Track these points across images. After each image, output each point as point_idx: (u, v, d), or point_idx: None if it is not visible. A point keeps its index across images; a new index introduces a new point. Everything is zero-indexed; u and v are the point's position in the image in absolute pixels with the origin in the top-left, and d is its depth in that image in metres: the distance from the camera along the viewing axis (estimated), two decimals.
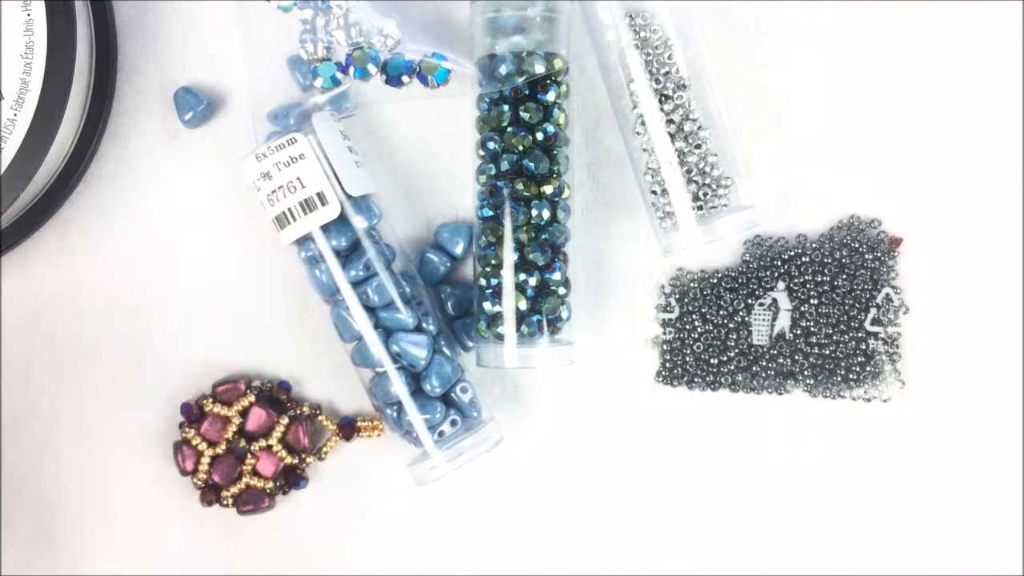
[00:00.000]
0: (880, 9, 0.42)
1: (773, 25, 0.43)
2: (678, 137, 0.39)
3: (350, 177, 0.39)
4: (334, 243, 0.39)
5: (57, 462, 0.44)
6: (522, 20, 0.39)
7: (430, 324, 0.41)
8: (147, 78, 0.44)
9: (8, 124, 0.39)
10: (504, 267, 0.39)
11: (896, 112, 0.42)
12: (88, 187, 0.44)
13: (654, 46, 0.39)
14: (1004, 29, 0.42)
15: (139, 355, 0.44)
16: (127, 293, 0.44)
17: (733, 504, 0.43)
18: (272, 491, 0.43)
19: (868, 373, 0.42)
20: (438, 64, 0.41)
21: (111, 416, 0.44)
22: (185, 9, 0.43)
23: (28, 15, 0.39)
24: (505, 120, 0.39)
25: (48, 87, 0.39)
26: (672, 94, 0.39)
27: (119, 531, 0.44)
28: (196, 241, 0.44)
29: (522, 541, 0.44)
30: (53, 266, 0.44)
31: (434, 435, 0.40)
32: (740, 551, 0.43)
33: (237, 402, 0.43)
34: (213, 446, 0.43)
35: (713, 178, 0.39)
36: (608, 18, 0.39)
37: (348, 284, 0.40)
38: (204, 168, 0.44)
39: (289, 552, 0.44)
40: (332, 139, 0.39)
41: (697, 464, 0.43)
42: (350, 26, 0.41)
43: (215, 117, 0.43)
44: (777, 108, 0.42)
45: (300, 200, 0.39)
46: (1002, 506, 0.42)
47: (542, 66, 0.39)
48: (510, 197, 0.39)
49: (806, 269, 0.42)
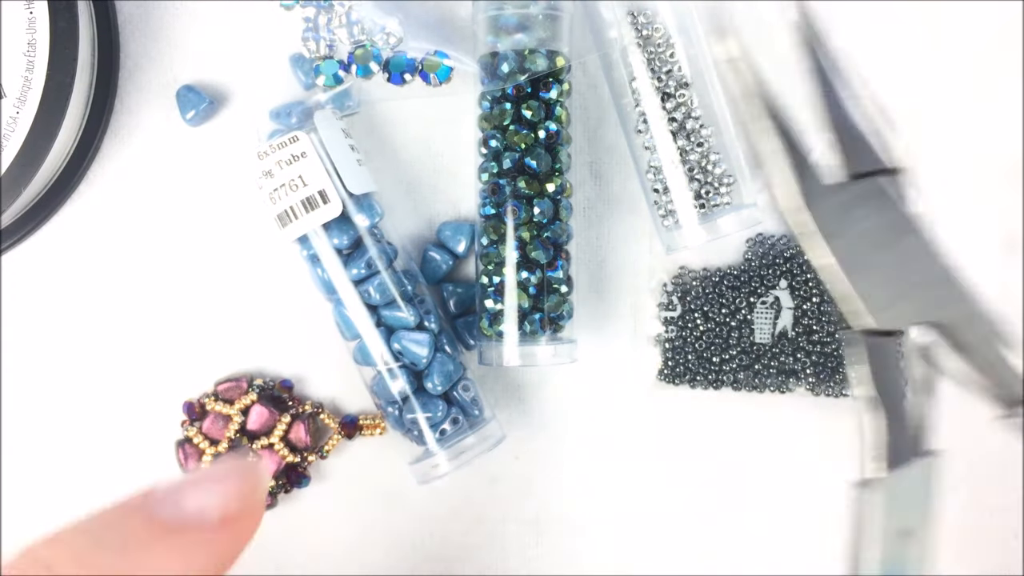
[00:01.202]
0: (882, 8, 0.42)
1: (774, 23, 0.43)
2: (680, 135, 0.39)
3: (352, 175, 0.39)
4: (336, 241, 0.39)
5: (58, 461, 0.44)
6: (524, 18, 0.39)
7: (432, 322, 0.41)
8: (149, 76, 0.44)
9: (10, 122, 0.39)
10: (506, 265, 0.39)
11: (897, 110, 0.42)
12: (90, 185, 0.44)
13: (656, 44, 0.39)
14: (1004, 29, 0.42)
15: (140, 353, 0.44)
16: (129, 292, 0.44)
17: (735, 502, 0.43)
18: (274, 490, 0.43)
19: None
20: (440, 62, 0.41)
21: (112, 415, 0.44)
22: (188, 7, 0.43)
23: (31, 13, 0.39)
24: (507, 118, 0.39)
25: (50, 85, 0.39)
26: (674, 92, 0.39)
27: None
28: (198, 239, 0.44)
29: (523, 540, 0.44)
30: (55, 265, 0.44)
31: (436, 433, 0.40)
32: (742, 550, 0.43)
33: (239, 400, 0.43)
34: (215, 444, 0.43)
35: (715, 176, 0.39)
36: (610, 16, 0.39)
37: (350, 282, 0.40)
38: (206, 166, 0.44)
39: (291, 551, 0.44)
40: (334, 137, 0.39)
41: (699, 462, 0.43)
42: (352, 24, 0.41)
43: (217, 115, 0.43)
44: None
45: (302, 198, 0.39)
46: (1002, 506, 0.42)
47: (544, 64, 0.39)
48: (512, 195, 0.39)
49: (808, 267, 0.42)
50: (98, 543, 0.23)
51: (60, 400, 0.44)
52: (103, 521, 0.24)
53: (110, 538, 0.24)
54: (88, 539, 0.24)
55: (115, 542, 0.24)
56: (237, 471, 0.26)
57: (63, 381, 0.44)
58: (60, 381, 0.44)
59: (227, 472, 0.26)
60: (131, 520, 0.24)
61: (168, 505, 0.25)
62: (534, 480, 0.44)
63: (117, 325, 0.44)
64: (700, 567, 0.43)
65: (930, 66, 0.42)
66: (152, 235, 0.44)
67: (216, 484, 0.26)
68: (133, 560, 0.23)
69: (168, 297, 0.44)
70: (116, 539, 0.24)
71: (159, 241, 0.44)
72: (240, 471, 0.26)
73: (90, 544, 0.23)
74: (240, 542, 0.26)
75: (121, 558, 0.23)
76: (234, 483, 0.26)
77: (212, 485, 0.26)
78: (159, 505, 0.25)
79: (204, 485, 0.26)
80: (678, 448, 0.43)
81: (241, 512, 0.26)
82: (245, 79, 0.43)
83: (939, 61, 0.42)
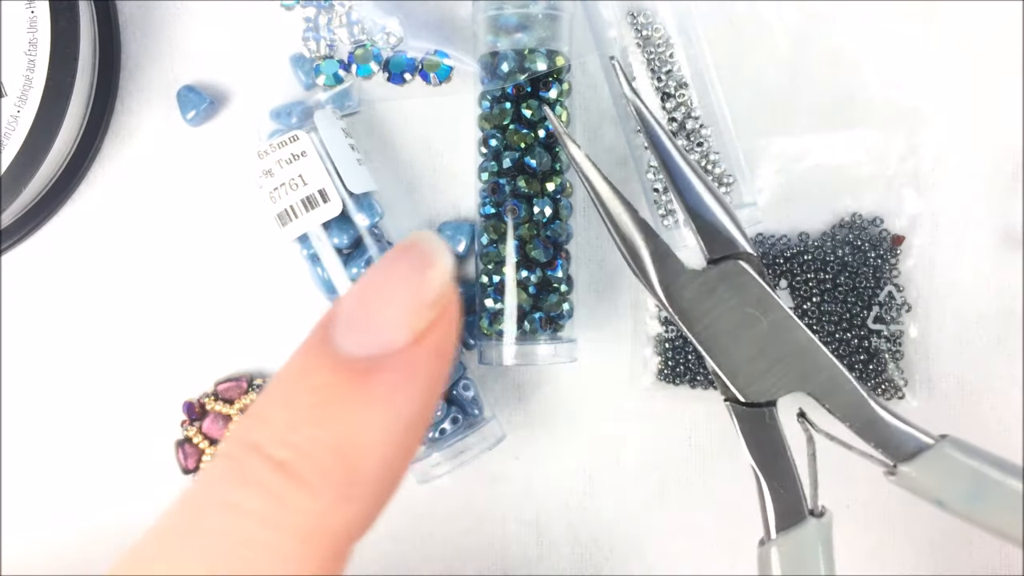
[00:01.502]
0: (882, 8, 0.42)
1: (774, 23, 0.43)
2: (680, 135, 0.39)
3: (352, 175, 0.39)
4: (336, 241, 0.39)
5: (58, 461, 0.44)
6: (524, 17, 0.39)
7: None
8: (150, 76, 0.44)
9: (11, 122, 0.39)
10: (506, 264, 0.39)
11: (898, 110, 0.42)
12: (91, 185, 0.44)
13: (656, 44, 0.39)
14: (1005, 29, 0.42)
15: (141, 353, 0.44)
16: (129, 291, 0.44)
17: (735, 501, 0.43)
18: None
19: (871, 371, 0.42)
20: (440, 61, 0.41)
21: (112, 415, 0.44)
22: (188, 7, 0.43)
23: (32, 12, 0.39)
24: (507, 117, 0.39)
25: (51, 85, 0.39)
26: (674, 92, 0.39)
27: (120, 530, 0.44)
28: (198, 239, 0.44)
29: (523, 540, 0.44)
30: (55, 265, 0.44)
31: (435, 433, 0.40)
32: (742, 550, 0.43)
33: (239, 400, 0.43)
34: (215, 444, 0.43)
35: (715, 176, 0.39)
36: (610, 16, 0.39)
37: (350, 282, 0.40)
38: (207, 166, 0.44)
39: None
40: (334, 136, 0.39)
41: (699, 462, 0.43)
42: (352, 24, 0.41)
43: (218, 115, 0.43)
44: (779, 106, 0.43)
45: (302, 197, 0.39)
46: None
47: (544, 63, 0.39)
48: (512, 194, 0.39)
49: (808, 267, 0.42)
50: (296, 412, 0.21)
51: (60, 400, 0.44)
52: (293, 386, 0.21)
53: (306, 404, 0.21)
54: (287, 412, 0.21)
55: (314, 408, 0.21)
56: (406, 260, 0.21)
57: (63, 381, 0.44)
58: (60, 381, 0.44)
59: (391, 271, 0.21)
60: (321, 375, 0.21)
61: (349, 341, 0.21)
62: (534, 480, 0.44)
63: (117, 325, 0.44)
64: (700, 567, 0.43)
65: (930, 66, 0.42)
66: (152, 235, 0.44)
67: (385, 293, 0.21)
68: (338, 425, 0.20)
69: (168, 297, 0.44)
70: (313, 402, 0.21)
71: (159, 241, 0.44)
72: (411, 261, 0.21)
73: (290, 417, 0.21)
74: (444, 360, 0.22)
75: (325, 428, 0.20)
76: (408, 283, 0.21)
77: (382, 296, 0.21)
78: (343, 339, 0.21)
79: (373, 300, 0.21)
80: (678, 447, 0.43)
81: (434, 321, 0.21)
82: (245, 79, 0.43)
83: (939, 61, 0.42)
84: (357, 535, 0.21)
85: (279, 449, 0.20)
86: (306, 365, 0.22)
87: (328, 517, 0.20)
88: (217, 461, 0.21)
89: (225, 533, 0.19)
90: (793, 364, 0.27)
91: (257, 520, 0.19)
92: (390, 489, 0.21)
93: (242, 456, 0.20)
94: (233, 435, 0.21)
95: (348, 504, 0.20)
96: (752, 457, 0.29)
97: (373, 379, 0.21)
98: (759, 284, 0.27)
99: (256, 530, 0.19)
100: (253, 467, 0.20)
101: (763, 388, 0.28)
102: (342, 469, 0.20)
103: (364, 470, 0.20)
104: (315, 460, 0.20)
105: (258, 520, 0.19)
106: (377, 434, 0.20)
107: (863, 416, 0.28)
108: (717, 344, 0.27)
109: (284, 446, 0.20)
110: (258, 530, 0.19)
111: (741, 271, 0.27)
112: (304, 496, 0.19)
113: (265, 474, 0.19)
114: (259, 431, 0.20)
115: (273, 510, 0.19)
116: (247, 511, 0.19)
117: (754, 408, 0.28)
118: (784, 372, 0.28)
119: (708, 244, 0.27)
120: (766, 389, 0.28)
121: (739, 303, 0.27)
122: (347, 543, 0.20)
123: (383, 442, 0.20)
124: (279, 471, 0.19)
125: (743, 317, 0.27)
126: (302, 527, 0.19)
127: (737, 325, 0.27)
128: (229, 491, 0.19)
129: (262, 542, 0.19)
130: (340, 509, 0.20)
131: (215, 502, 0.19)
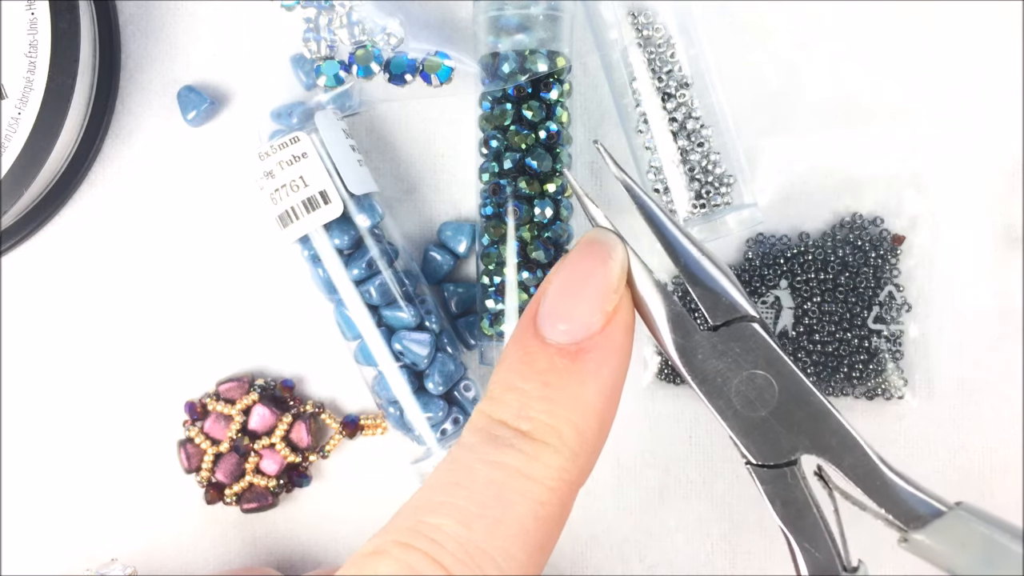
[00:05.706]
0: (882, 8, 0.42)
1: (775, 23, 0.43)
2: (680, 135, 0.39)
3: (353, 176, 0.39)
4: (336, 242, 0.39)
5: (59, 461, 0.44)
6: (525, 18, 0.39)
7: (432, 322, 0.41)
8: (150, 77, 0.44)
9: (12, 123, 0.39)
10: (507, 265, 0.40)
11: (898, 110, 0.42)
12: (91, 186, 0.44)
13: (656, 44, 0.39)
14: (1005, 29, 0.42)
15: (142, 354, 0.44)
16: (130, 292, 0.44)
17: (736, 501, 0.43)
18: (275, 489, 0.43)
19: (871, 371, 0.42)
20: (441, 62, 0.41)
21: (114, 415, 0.44)
22: (188, 8, 0.43)
23: (32, 14, 0.39)
24: (508, 118, 0.39)
25: (52, 86, 0.39)
26: (675, 92, 0.39)
27: (121, 530, 0.44)
28: (199, 240, 0.44)
29: None
30: (56, 265, 0.44)
31: (437, 433, 0.40)
32: (742, 550, 0.43)
33: (240, 400, 0.43)
34: (216, 444, 0.43)
35: (715, 176, 0.39)
36: (611, 16, 0.39)
37: (350, 283, 0.40)
38: (207, 167, 0.44)
39: (292, 550, 0.44)
40: (335, 138, 0.39)
41: (699, 461, 0.43)
42: (353, 24, 0.41)
43: (218, 116, 0.43)
44: (779, 106, 0.43)
45: (303, 199, 0.39)
46: (1002, 505, 0.42)
47: (545, 64, 0.39)
48: (513, 195, 0.39)
49: (809, 267, 0.42)
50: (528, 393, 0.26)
51: (61, 401, 0.44)
52: (520, 373, 0.26)
53: (536, 385, 0.26)
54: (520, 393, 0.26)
55: (543, 387, 0.25)
56: (591, 256, 0.27)
57: (64, 382, 0.44)
58: (61, 382, 0.44)
59: (580, 267, 0.26)
60: (542, 362, 0.26)
61: (556, 332, 0.26)
62: None
63: (119, 325, 0.44)
64: (700, 567, 0.43)
65: (930, 66, 0.42)
66: (153, 236, 0.44)
67: (579, 287, 0.26)
68: (564, 398, 0.25)
69: (169, 298, 0.44)
70: (542, 383, 0.25)
71: (160, 242, 0.44)
72: (595, 256, 0.27)
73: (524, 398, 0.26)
74: (629, 332, 0.26)
75: (555, 403, 0.25)
76: (596, 275, 0.26)
77: (578, 289, 0.26)
78: (550, 331, 0.26)
79: (571, 295, 0.26)
80: (678, 448, 0.43)
81: (619, 302, 0.26)
82: (246, 80, 0.43)
83: (939, 61, 0.42)
84: (581, 483, 0.26)
85: (522, 422, 0.25)
86: (527, 355, 0.26)
87: (566, 470, 0.25)
88: (470, 435, 0.26)
89: (493, 482, 0.24)
90: (805, 427, 0.28)
91: (516, 473, 0.25)
92: (603, 445, 0.26)
93: (495, 428, 0.25)
94: (478, 416, 0.26)
95: (578, 459, 0.25)
96: (779, 517, 0.29)
97: (583, 359, 0.26)
98: (769, 345, 0.27)
99: (516, 480, 0.25)
100: (506, 436, 0.25)
101: (778, 451, 0.28)
102: (573, 432, 0.25)
103: (587, 431, 0.25)
104: (552, 427, 0.25)
105: (516, 473, 0.25)
106: (593, 401, 0.26)
107: (874, 480, 0.28)
108: (731, 407, 0.28)
109: (525, 420, 0.25)
110: (518, 479, 0.25)
111: (753, 333, 0.27)
112: (549, 454, 0.25)
113: (516, 440, 0.25)
114: (502, 411, 0.26)
115: (528, 465, 0.25)
116: (508, 466, 0.25)
117: (775, 469, 0.28)
118: (797, 435, 0.28)
119: (711, 311, 0.27)
120: (781, 452, 0.28)
121: (751, 364, 0.27)
122: (576, 490, 0.26)
123: (598, 407, 0.26)
124: (526, 438, 0.25)
125: (755, 379, 0.28)
126: (548, 477, 0.25)
127: (749, 387, 0.28)
128: (490, 452, 0.25)
129: (521, 489, 0.24)
130: (574, 463, 0.25)
131: (482, 460, 0.25)
